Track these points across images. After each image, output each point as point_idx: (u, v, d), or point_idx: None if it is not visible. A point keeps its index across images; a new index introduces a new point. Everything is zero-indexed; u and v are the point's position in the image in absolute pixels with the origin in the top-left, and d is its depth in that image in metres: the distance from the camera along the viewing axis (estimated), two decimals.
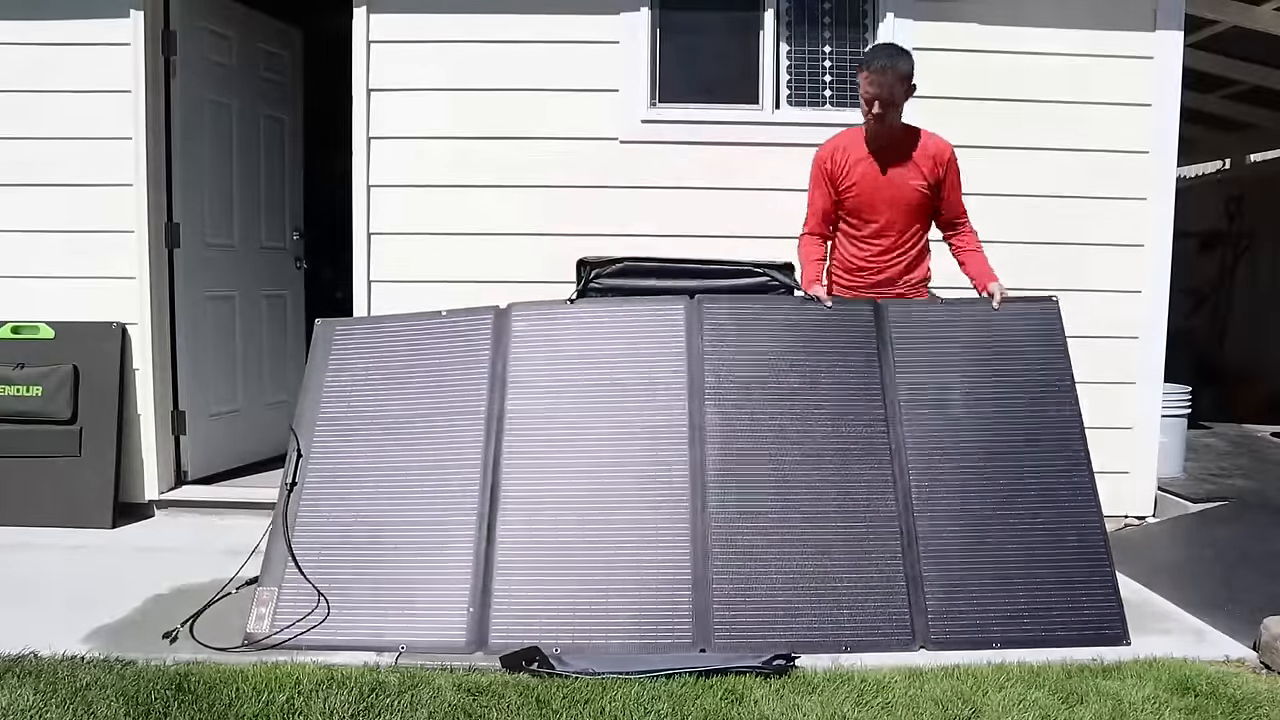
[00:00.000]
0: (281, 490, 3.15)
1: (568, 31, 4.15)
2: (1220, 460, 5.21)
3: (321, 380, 3.36)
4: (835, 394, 3.19)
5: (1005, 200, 4.20)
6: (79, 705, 2.37)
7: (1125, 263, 4.23)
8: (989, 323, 3.32)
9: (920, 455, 3.12)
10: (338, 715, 2.36)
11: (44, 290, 4.21)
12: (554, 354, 3.26)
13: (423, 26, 4.16)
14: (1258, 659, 2.85)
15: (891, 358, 3.26)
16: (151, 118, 4.18)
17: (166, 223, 4.31)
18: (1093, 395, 4.17)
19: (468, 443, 3.15)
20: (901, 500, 3.05)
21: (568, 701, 2.46)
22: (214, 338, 4.57)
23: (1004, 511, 3.06)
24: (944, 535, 3.02)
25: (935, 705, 2.47)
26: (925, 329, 3.31)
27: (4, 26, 4.15)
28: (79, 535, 3.94)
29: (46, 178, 4.18)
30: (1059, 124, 4.19)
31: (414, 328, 3.43)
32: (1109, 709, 2.47)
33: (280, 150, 5.03)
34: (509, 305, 3.39)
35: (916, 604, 2.91)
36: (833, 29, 4.27)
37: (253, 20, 4.77)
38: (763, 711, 2.43)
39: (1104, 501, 4.13)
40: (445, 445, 3.16)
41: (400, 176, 4.20)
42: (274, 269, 5.00)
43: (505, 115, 4.17)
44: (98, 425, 4.14)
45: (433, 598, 2.89)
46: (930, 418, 3.17)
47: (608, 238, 4.16)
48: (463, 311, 3.44)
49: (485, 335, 3.34)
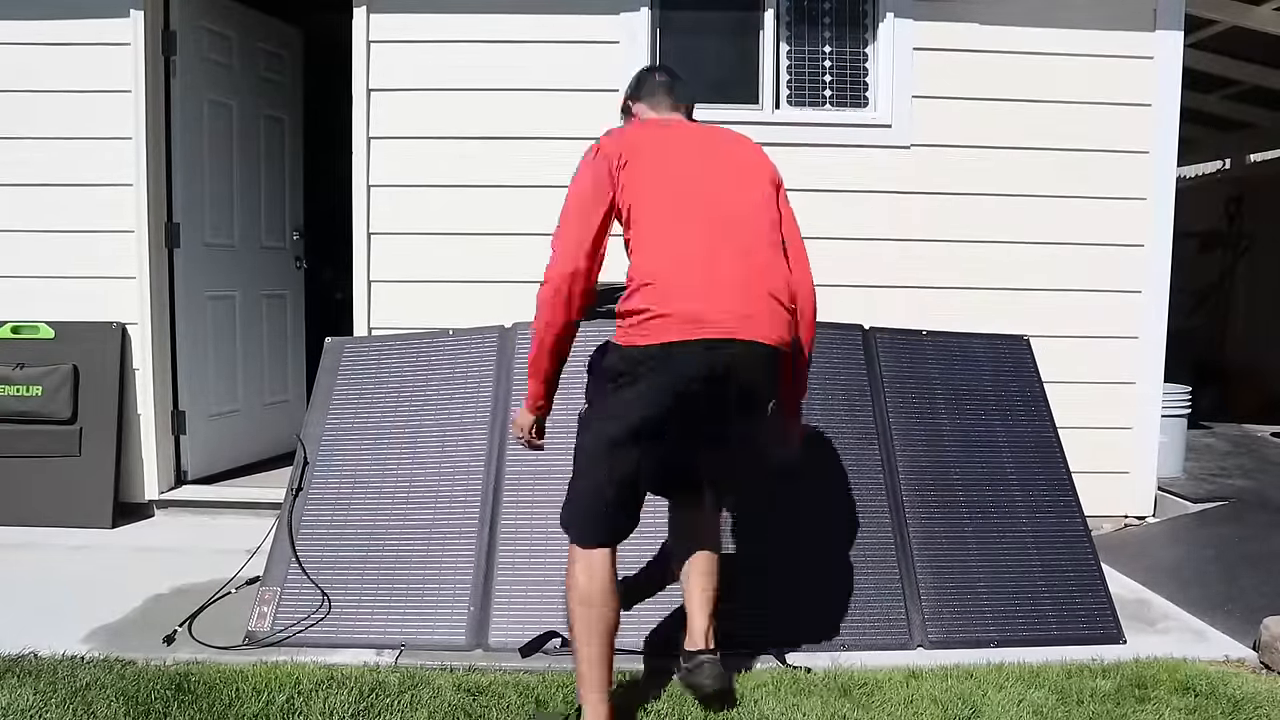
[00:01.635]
0: (287, 496, 3.21)
1: (568, 31, 4.15)
2: (1220, 460, 5.21)
3: (329, 395, 3.46)
4: (830, 409, 3.30)
5: (1005, 200, 4.20)
6: (79, 705, 2.37)
7: (1125, 263, 4.23)
8: (969, 351, 3.58)
9: (910, 464, 3.25)
10: (338, 715, 2.36)
11: (44, 290, 4.21)
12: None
13: (423, 26, 4.15)
14: (1258, 659, 2.85)
15: (879, 372, 3.42)
16: (151, 118, 4.18)
17: (166, 223, 4.31)
18: (1093, 395, 4.20)
19: (472, 452, 3.22)
20: (893, 504, 3.14)
21: (567, 701, 2.46)
22: (214, 338, 4.57)
23: (991, 516, 3.20)
24: (935, 538, 3.11)
25: (935, 705, 2.47)
26: (912, 354, 3.53)
27: (4, 26, 4.15)
28: (79, 535, 3.94)
29: (46, 178, 4.18)
30: (1059, 124, 4.18)
31: (420, 346, 3.54)
32: (1108, 709, 2.47)
33: (280, 150, 5.03)
34: (513, 325, 3.48)
35: (912, 604, 2.95)
36: (832, 29, 4.26)
37: (253, 20, 4.77)
38: (762, 711, 2.43)
39: (1104, 501, 4.19)
40: (449, 454, 3.23)
41: (400, 176, 4.19)
42: (274, 269, 5.00)
43: (505, 115, 4.17)
44: (97, 425, 4.14)
45: (434, 598, 2.91)
46: (918, 431, 3.33)
47: (608, 237, 4.16)
48: (468, 331, 3.56)
49: (490, 353, 3.44)
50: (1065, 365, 4.13)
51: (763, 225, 2.38)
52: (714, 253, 2.26)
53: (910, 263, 4.20)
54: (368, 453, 3.28)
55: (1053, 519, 3.23)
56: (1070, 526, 3.22)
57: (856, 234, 4.19)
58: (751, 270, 2.29)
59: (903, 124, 4.18)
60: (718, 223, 2.31)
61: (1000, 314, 4.16)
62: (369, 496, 3.17)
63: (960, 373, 3.51)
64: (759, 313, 2.26)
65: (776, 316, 2.29)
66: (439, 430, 3.29)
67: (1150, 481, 4.30)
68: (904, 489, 3.20)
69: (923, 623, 2.92)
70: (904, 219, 4.20)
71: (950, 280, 4.21)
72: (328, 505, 3.17)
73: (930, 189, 4.19)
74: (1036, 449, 3.38)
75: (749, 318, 2.24)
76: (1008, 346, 3.62)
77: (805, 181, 4.18)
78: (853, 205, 4.19)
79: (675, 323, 2.20)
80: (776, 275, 2.33)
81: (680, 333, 2.19)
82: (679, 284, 2.23)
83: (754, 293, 2.27)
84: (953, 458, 3.31)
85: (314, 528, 3.11)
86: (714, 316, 2.20)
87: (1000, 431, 3.40)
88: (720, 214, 2.33)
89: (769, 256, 2.34)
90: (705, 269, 2.24)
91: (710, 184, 2.37)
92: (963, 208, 4.20)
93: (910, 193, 4.20)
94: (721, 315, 2.21)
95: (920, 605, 2.95)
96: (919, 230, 4.20)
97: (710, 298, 2.22)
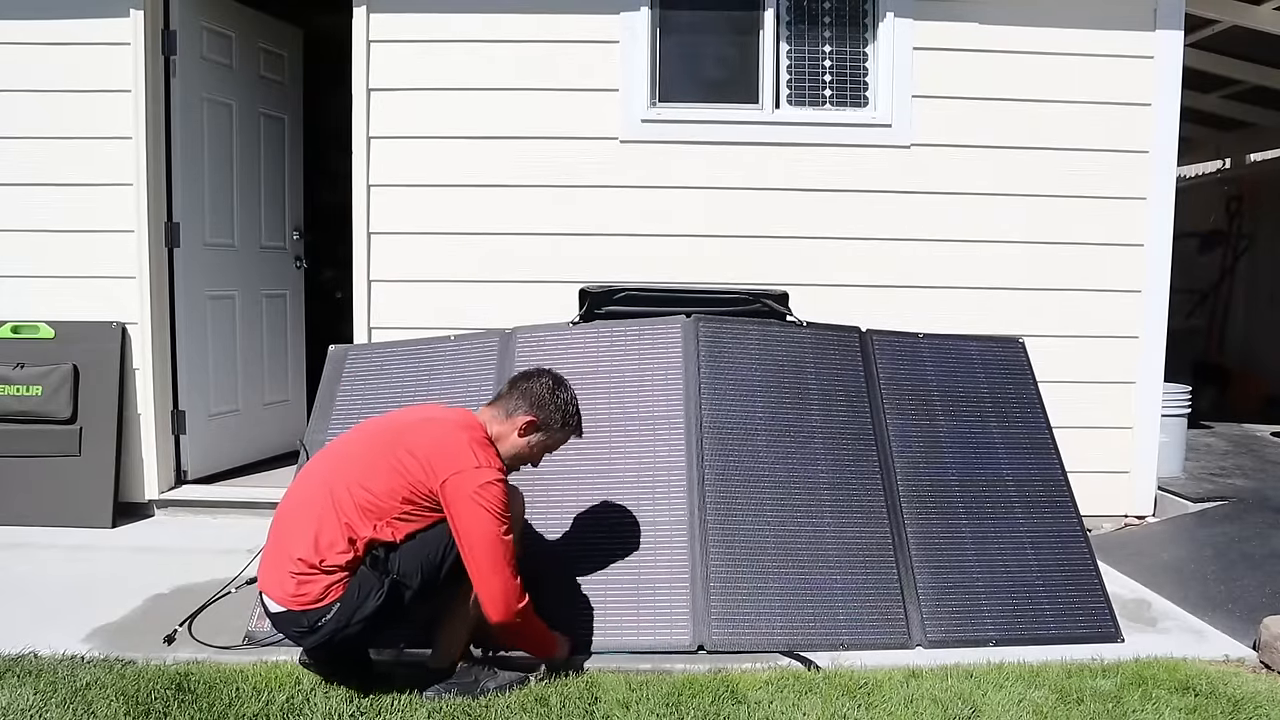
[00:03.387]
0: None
1: (568, 31, 4.15)
2: (1220, 460, 5.21)
3: (333, 402, 3.49)
4: (828, 410, 3.31)
5: (1005, 200, 4.20)
6: (79, 705, 2.37)
7: (1125, 262, 4.23)
8: (965, 353, 3.57)
9: (907, 464, 3.26)
10: (338, 715, 2.36)
11: (44, 290, 4.21)
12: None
13: (423, 26, 4.15)
14: (1257, 658, 2.85)
15: (876, 373, 3.42)
16: (151, 118, 4.18)
17: (166, 222, 4.31)
18: (1093, 395, 4.21)
19: None
20: (890, 504, 3.15)
21: (567, 701, 2.46)
22: (214, 337, 4.57)
23: (988, 517, 3.21)
24: (933, 538, 3.12)
25: (935, 704, 2.47)
26: (908, 356, 3.52)
27: (4, 26, 4.15)
28: (79, 535, 3.94)
29: (46, 178, 4.18)
30: (1059, 123, 4.18)
31: (422, 352, 3.56)
32: (1108, 708, 2.47)
33: (280, 150, 5.03)
34: (513, 330, 3.51)
35: (911, 604, 2.96)
36: (832, 29, 4.26)
37: (252, 20, 4.77)
38: (763, 711, 2.43)
39: (1104, 500, 4.19)
40: None
41: (400, 176, 4.19)
42: (274, 269, 5.00)
43: (505, 115, 4.17)
44: (97, 425, 4.14)
45: None
46: (914, 432, 3.34)
47: (608, 237, 4.17)
48: (470, 336, 3.58)
49: (491, 357, 3.46)
50: (1065, 365, 4.13)
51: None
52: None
53: (910, 262, 4.20)
54: None
55: (1049, 520, 3.24)
56: (1066, 527, 3.23)
57: (856, 234, 4.19)
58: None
59: (903, 124, 4.18)
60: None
61: (1000, 313, 4.17)
62: None
63: (956, 374, 3.52)
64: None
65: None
66: None
67: (1150, 481, 4.30)
68: (901, 488, 3.20)
69: (921, 622, 2.92)
70: (904, 219, 4.20)
71: (950, 280, 4.21)
72: None
73: (930, 189, 4.19)
74: (1032, 450, 3.39)
75: None
76: (1002, 348, 3.63)
77: (805, 181, 4.20)
78: (852, 205, 4.19)
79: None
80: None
81: None
82: None
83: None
84: (949, 458, 3.31)
85: None
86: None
87: (996, 433, 3.41)
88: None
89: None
90: None
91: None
92: (962, 207, 4.20)
93: (910, 192, 4.19)
94: None
95: (919, 604, 2.96)
96: (919, 230, 4.20)
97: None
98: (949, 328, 3.76)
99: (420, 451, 2.41)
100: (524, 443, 2.59)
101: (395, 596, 2.37)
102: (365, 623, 2.36)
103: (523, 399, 2.59)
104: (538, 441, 2.61)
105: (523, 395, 2.60)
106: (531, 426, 2.58)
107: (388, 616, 2.39)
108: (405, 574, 2.38)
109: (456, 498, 2.36)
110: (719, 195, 4.20)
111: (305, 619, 2.35)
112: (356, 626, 2.36)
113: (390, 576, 2.37)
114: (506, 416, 2.58)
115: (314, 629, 2.36)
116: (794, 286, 3.68)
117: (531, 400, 2.59)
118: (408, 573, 2.38)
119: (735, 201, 4.20)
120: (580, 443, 2.81)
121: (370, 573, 2.37)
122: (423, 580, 2.39)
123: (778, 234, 4.20)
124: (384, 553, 2.38)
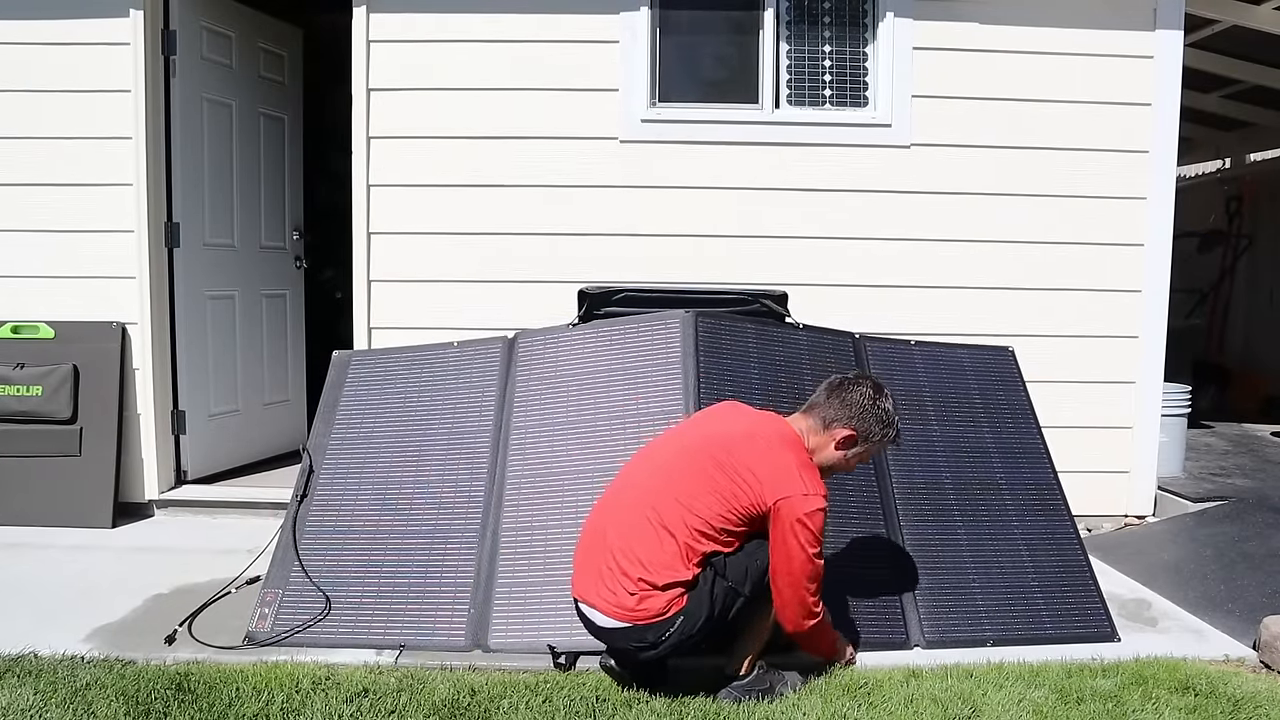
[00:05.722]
0: (292, 501, 3.24)
1: (568, 31, 4.15)
2: (1220, 460, 5.21)
3: (335, 407, 3.50)
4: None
5: (1005, 200, 4.20)
6: (79, 705, 2.37)
7: (1125, 262, 4.23)
8: (956, 360, 3.59)
9: (901, 468, 3.28)
10: (337, 715, 2.36)
11: (44, 290, 4.21)
12: (557, 373, 3.36)
13: (423, 26, 4.15)
14: (1257, 658, 2.85)
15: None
16: (151, 118, 4.18)
17: (166, 222, 4.31)
18: (1093, 395, 4.21)
19: (473, 457, 3.25)
20: (885, 506, 3.17)
21: (567, 700, 2.46)
22: (214, 337, 4.57)
23: (982, 519, 3.24)
24: (929, 540, 3.14)
25: (934, 704, 2.47)
26: (900, 361, 3.54)
27: (4, 26, 4.15)
28: (79, 535, 3.94)
29: (46, 178, 4.18)
30: (1059, 123, 4.18)
31: (426, 358, 3.58)
32: (1108, 708, 2.47)
33: (280, 150, 5.03)
34: (516, 334, 3.53)
35: (909, 604, 2.97)
36: (832, 28, 4.26)
37: (253, 20, 4.77)
38: (763, 711, 2.43)
39: (1104, 500, 4.20)
40: (452, 460, 3.26)
41: (400, 176, 4.20)
42: (274, 269, 5.00)
43: (505, 115, 4.17)
44: (98, 425, 4.14)
45: (434, 600, 2.91)
46: (908, 437, 3.31)
47: (608, 237, 4.17)
48: (473, 342, 3.59)
49: (495, 363, 3.47)
50: (1065, 364, 4.14)
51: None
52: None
53: (910, 262, 4.20)
54: (372, 461, 3.31)
55: (1042, 522, 3.27)
56: (1060, 529, 3.26)
57: (856, 234, 4.19)
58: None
59: (902, 124, 4.18)
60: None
61: (1000, 313, 4.17)
62: (372, 503, 3.20)
63: (948, 381, 3.56)
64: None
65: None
66: (441, 437, 3.32)
67: (1150, 481, 4.30)
68: (896, 491, 3.23)
69: (919, 622, 2.94)
70: (903, 218, 4.20)
71: (950, 280, 4.21)
72: (331, 511, 3.20)
73: (930, 188, 4.20)
74: (1024, 454, 3.43)
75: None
76: (993, 357, 3.67)
77: (805, 181, 4.20)
78: (852, 205, 4.19)
79: None
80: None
81: None
82: None
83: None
84: (943, 462, 3.35)
85: (317, 532, 3.14)
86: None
87: (989, 438, 3.45)
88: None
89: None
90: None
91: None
92: (962, 207, 4.20)
93: (910, 192, 4.20)
94: None
95: (917, 605, 2.97)
96: (918, 230, 4.20)
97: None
98: (949, 327, 3.76)
99: (758, 471, 2.42)
100: (840, 455, 2.56)
101: (729, 604, 2.42)
102: (703, 631, 2.41)
103: (842, 409, 2.54)
104: (854, 454, 2.59)
105: (842, 405, 2.55)
106: (850, 441, 2.55)
107: (717, 623, 2.43)
108: (737, 582, 2.42)
109: (782, 521, 2.38)
110: (719, 195, 4.20)
111: (650, 634, 2.39)
112: (698, 635, 2.41)
113: (726, 583, 2.41)
114: (824, 428, 2.55)
115: (657, 643, 2.40)
116: (794, 287, 3.68)
117: (852, 411, 2.54)
118: (739, 580, 2.42)
119: (735, 201, 4.20)
120: (583, 439, 2.81)
121: (709, 583, 2.41)
122: (752, 587, 2.43)
123: (778, 234, 4.20)
124: (721, 562, 2.43)
